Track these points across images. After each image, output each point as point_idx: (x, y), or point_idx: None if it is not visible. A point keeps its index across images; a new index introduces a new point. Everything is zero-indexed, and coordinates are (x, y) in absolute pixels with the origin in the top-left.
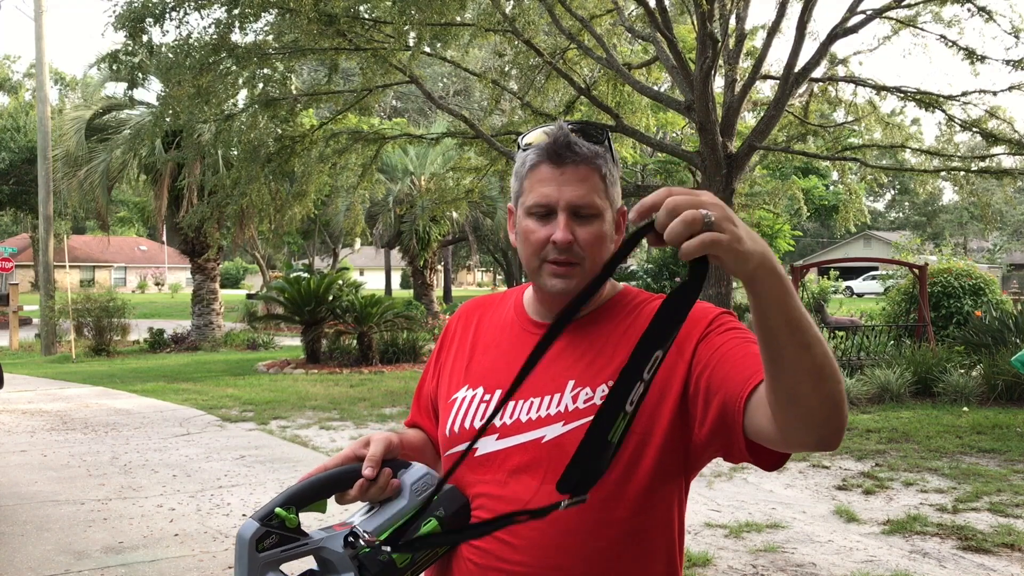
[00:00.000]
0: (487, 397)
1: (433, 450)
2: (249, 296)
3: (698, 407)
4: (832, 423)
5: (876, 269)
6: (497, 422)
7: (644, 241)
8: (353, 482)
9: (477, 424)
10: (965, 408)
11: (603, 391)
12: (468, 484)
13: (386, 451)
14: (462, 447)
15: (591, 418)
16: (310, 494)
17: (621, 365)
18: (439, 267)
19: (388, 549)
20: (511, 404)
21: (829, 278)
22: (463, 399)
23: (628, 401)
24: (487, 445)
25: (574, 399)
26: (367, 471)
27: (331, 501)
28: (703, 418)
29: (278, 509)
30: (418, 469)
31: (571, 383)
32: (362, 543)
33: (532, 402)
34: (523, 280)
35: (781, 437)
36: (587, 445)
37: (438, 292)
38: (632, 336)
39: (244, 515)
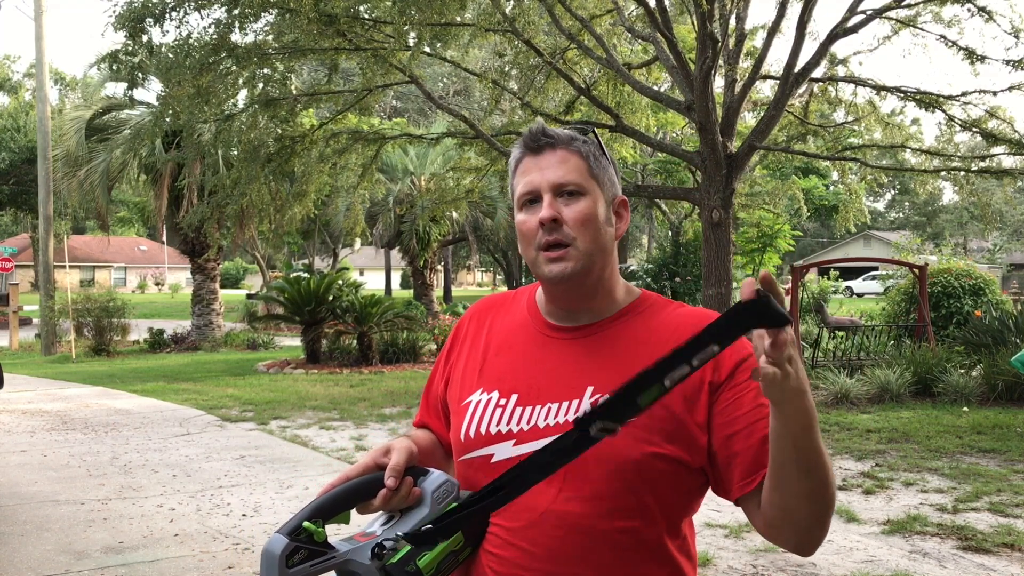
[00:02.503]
0: (503, 402)
1: (443, 451)
2: (249, 296)
3: (712, 455)
4: (813, 534)
5: (876, 269)
6: (514, 428)
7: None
8: (376, 492)
9: (493, 429)
10: (965, 408)
11: None
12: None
13: (407, 461)
14: (478, 452)
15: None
16: (335, 506)
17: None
18: (439, 267)
19: (409, 552)
20: (529, 409)
21: (829, 278)
22: (478, 403)
23: (668, 376)
24: (504, 451)
25: (592, 406)
26: (390, 482)
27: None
28: (711, 466)
29: (306, 523)
30: (437, 476)
31: (590, 389)
32: (388, 550)
33: (550, 407)
34: (524, 280)
35: (765, 530)
36: (616, 398)
37: (438, 292)
38: (653, 343)
39: (244, 515)
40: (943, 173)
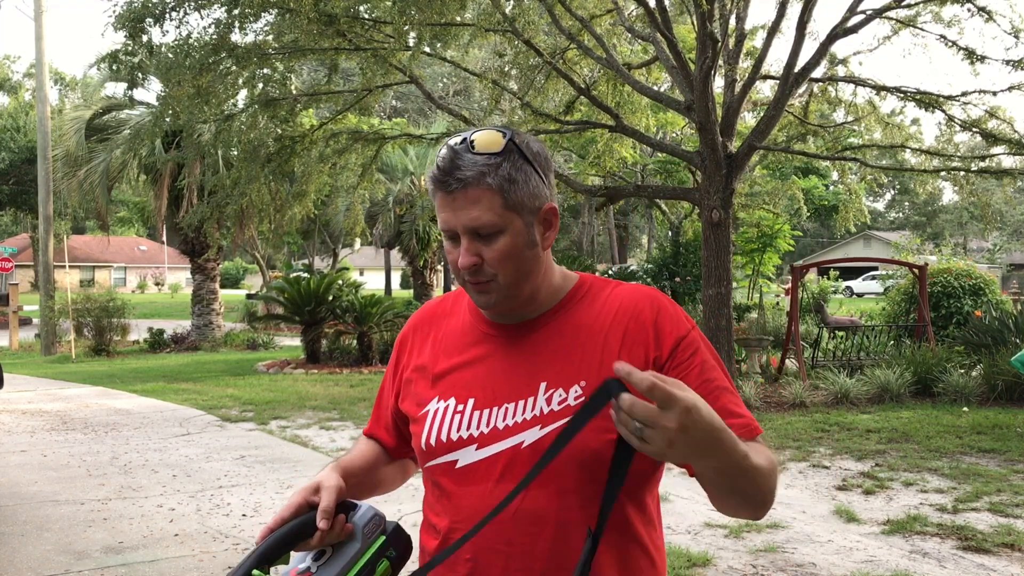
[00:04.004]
0: (460, 407)
1: (386, 459)
2: (249, 296)
3: None
4: (758, 514)
5: (876, 269)
6: (475, 432)
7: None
8: (313, 532)
9: (455, 435)
10: (965, 408)
11: (576, 392)
12: (454, 496)
13: (337, 499)
14: (442, 459)
15: (567, 420)
16: (279, 550)
17: (590, 360)
18: (439, 267)
19: None
20: (487, 412)
21: (829, 278)
22: (436, 411)
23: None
24: (468, 456)
25: (548, 401)
26: (322, 524)
27: None
28: None
29: (255, 572)
30: (366, 511)
31: (543, 385)
32: None
33: (507, 408)
34: None
35: (716, 507)
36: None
37: (438, 292)
38: (596, 329)
39: (244, 515)
40: (943, 173)
